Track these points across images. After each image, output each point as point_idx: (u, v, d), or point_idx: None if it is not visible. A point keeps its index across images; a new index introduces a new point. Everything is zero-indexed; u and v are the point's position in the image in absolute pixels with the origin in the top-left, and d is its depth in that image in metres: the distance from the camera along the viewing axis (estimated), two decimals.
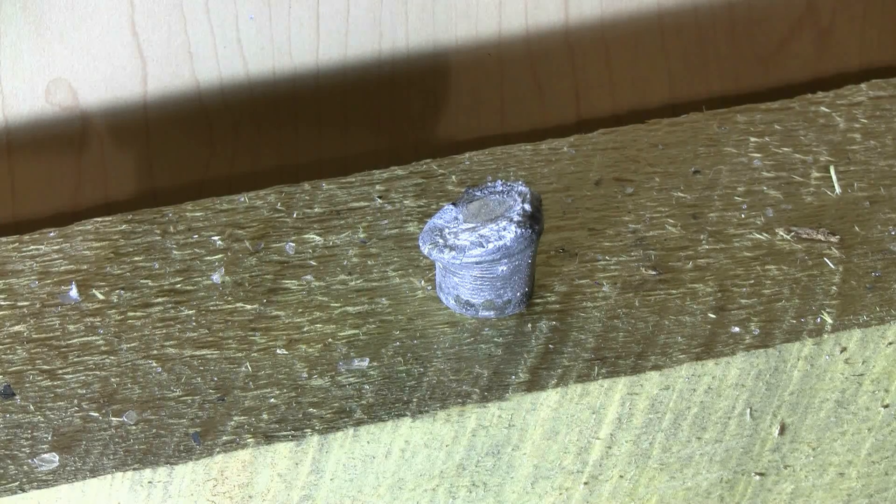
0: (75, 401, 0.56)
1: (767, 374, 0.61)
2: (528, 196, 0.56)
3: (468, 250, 0.55)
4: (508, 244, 0.55)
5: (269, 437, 0.57)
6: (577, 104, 0.68)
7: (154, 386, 0.57)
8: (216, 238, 0.58)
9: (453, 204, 0.56)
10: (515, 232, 0.55)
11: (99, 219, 0.57)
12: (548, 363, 0.59)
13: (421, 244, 0.56)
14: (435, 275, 0.58)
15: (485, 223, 0.55)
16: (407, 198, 0.59)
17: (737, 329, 0.60)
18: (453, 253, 0.55)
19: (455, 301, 0.58)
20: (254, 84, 0.61)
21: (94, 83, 0.59)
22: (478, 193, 0.56)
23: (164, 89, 0.60)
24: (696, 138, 0.67)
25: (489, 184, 0.57)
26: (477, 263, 0.56)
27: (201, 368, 0.57)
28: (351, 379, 0.58)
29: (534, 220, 0.56)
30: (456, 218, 0.56)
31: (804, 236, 0.62)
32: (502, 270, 0.56)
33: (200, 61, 0.60)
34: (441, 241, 0.55)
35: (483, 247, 0.55)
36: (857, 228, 0.63)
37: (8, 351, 0.56)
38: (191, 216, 0.58)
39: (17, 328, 0.56)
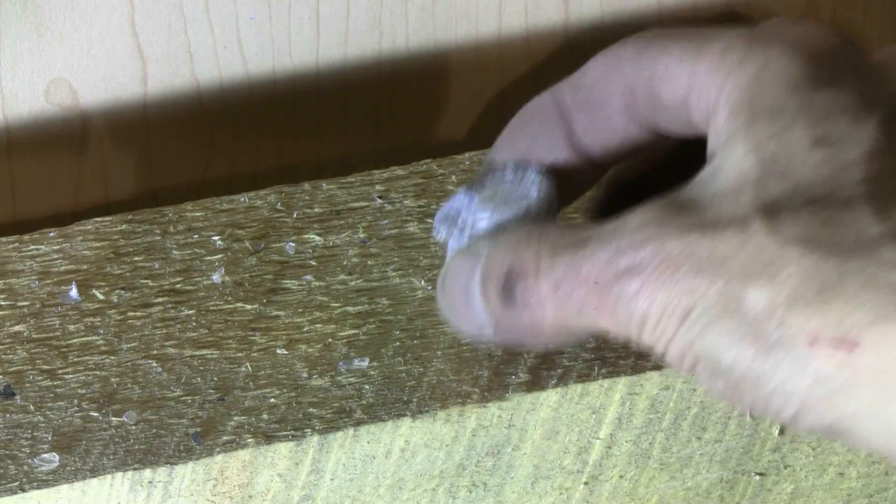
0: (75, 401, 0.56)
1: None
2: (544, 182, 0.54)
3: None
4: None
5: (269, 437, 0.57)
6: None
7: (154, 386, 0.57)
8: (216, 238, 0.58)
9: (465, 190, 0.54)
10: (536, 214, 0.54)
11: (99, 219, 0.57)
12: (548, 363, 0.59)
13: (436, 234, 0.54)
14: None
15: (501, 209, 0.53)
16: (407, 198, 0.59)
17: None
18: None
19: None
20: (254, 84, 0.61)
21: (94, 83, 0.59)
22: (488, 181, 0.55)
23: (164, 89, 0.60)
24: None
25: (499, 172, 0.55)
26: None
27: (201, 368, 0.57)
28: (351, 379, 0.58)
29: (550, 206, 0.54)
30: (469, 205, 0.54)
31: None
32: None
33: (200, 61, 0.60)
34: (458, 229, 0.54)
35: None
36: None
37: (8, 351, 0.56)
38: (191, 216, 0.58)
39: (17, 328, 0.56)
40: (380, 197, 0.59)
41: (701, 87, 0.46)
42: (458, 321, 0.49)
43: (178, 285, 0.57)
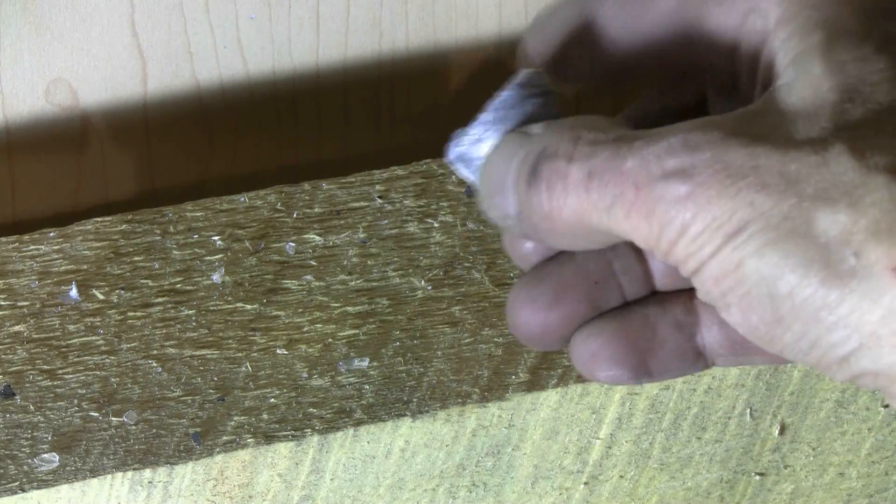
0: (75, 401, 0.56)
1: (767, 374, 0.61)
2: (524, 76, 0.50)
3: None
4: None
5: (269, 437, 0.57)
6: (576, 104, 0.68)
7: (154, 386, 0.57)
8: (216, 238, 0.58)
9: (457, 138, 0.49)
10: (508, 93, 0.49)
11: (99, 219, 0.57)
12: (548, 363, 0.59)
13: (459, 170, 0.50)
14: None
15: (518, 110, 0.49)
16: (407, 198, 0.59)
17: None
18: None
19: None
20: (254, 84, 0.61)
21: (94, 83, 0.59)
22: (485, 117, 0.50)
23: (164, 89, 0.60)
24: None
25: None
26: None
27: (201, 368, 0.57)
28: (351, 379, 0.58)
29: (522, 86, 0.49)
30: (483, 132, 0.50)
31: None
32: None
33: (200, 61, 0.60)
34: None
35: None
36: None
37: (8, 351, 0.56)
38: (191, 216, 0.58)
39: (17, 328, 0.56)
40: (380, 197, 0.59)
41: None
42: (489, 206, 0.46)
43: (178, 285, 0.57)
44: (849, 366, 0.39)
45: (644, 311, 0.47)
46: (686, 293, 0.47)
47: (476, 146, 0.48)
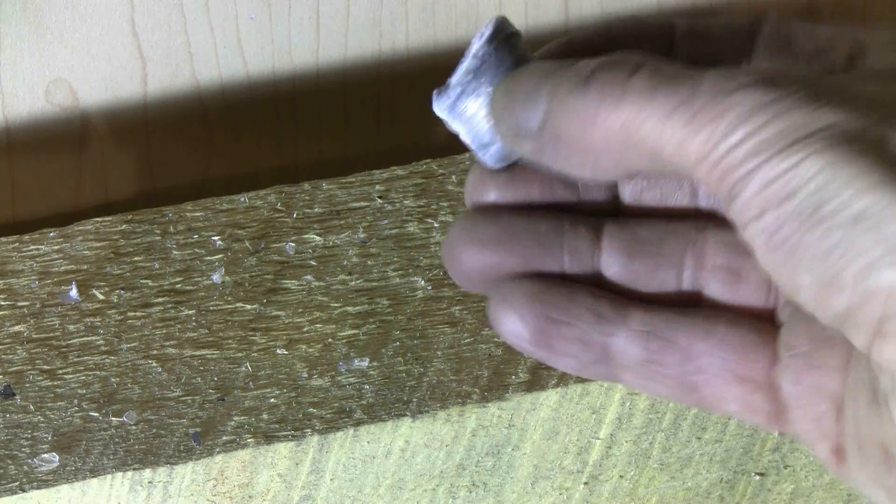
0: (75, 401, 0.56)
1: None
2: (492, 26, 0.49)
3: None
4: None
5: (269, 437, 0.57)
6: None
7: (154, 386, 0.57)
8: (216, 238, 0.58)
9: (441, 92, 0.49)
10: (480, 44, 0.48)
11: (99, 219, 0.57)
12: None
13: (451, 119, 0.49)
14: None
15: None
16: (407, 198, 0.59)
17: None
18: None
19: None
20: (254, 84, 0.61)
21: (94, 83, 0.59)
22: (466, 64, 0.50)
23: (164, 89, 0.60)
24: None
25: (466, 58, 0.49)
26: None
27: (201, 368, 0.57)
28: (351, 379, 0.58)
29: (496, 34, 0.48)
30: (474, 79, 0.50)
31: None
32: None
33: (200, 61, 0.60)
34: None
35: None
36: None
37: (8, 351, 0.56)
38: (191, 216, 0.58)
39: (17, 328, 0.56)
40: (380, 197, 0.59)
41: None
42: (503, 118, 0.44)
43: (178, 285, 0.57)
44: (865, 278, 0.38)
45: (571, 288, 0.46)
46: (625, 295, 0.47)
47: (463, 99, 0.47)
